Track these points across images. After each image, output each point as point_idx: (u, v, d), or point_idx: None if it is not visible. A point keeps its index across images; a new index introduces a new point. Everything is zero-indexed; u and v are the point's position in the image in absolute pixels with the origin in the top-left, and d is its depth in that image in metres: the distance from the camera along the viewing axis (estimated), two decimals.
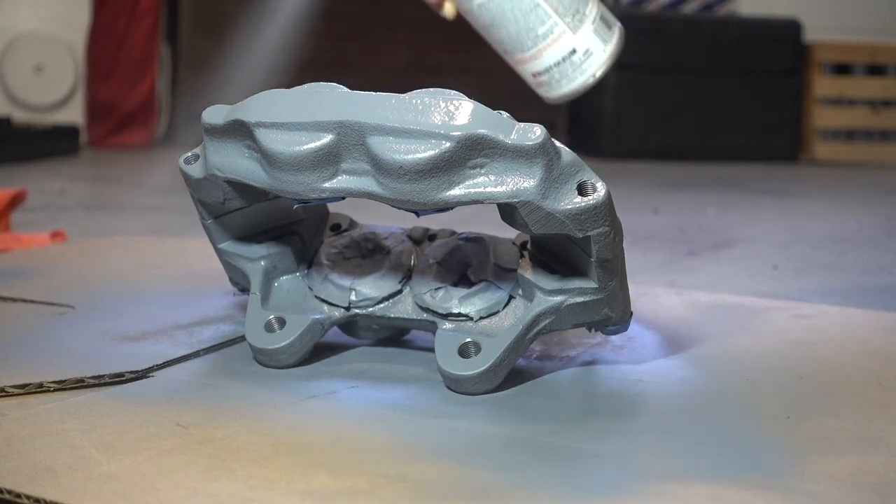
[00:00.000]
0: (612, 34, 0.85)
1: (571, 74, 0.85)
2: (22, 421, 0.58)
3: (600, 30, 0.84)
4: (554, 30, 0.83)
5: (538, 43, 0.84)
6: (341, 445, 0.56)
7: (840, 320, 0.88)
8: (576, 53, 0.84)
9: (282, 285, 0.74)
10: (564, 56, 0.84)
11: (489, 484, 0.52)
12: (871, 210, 2.28)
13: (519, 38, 0.84)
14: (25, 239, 1.21)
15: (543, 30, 0.83)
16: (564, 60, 0.84)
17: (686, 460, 0.56)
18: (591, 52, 0.84)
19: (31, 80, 3.20)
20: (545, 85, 0.86)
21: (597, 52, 0.84)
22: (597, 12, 0.85)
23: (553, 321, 0.67)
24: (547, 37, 0.83)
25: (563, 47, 0.84)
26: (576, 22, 0.83)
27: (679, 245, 1.65)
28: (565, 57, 0.84)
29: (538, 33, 0.83)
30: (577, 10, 0.83)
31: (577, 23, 0.84)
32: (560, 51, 0.84)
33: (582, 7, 0.84)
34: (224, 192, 0.68)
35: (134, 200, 2.08)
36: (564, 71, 0.85)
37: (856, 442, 0.59)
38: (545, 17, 0.83)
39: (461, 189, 0.61)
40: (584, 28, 0.84)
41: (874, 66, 3.63)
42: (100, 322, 0.79)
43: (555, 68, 0.85)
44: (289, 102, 0.63)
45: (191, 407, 0.62)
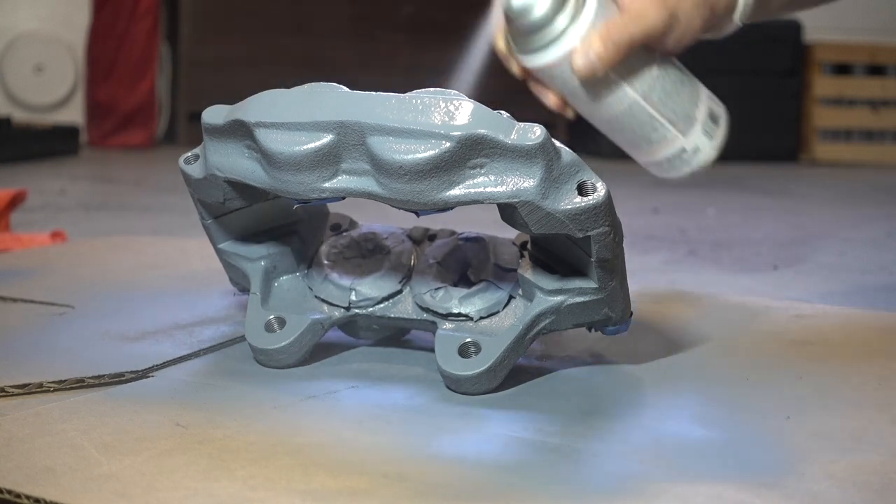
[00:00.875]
0: (719, 127, 0.93)
1: (679, 167, 0.93)
2: (22, 421, 0.58)
3: (708, 128, 0.91)
4: (667, 136, 0.90)
5: (651, 146, 0.91)
6: (341, 445, 0.56)
7: (840, 320, 0.88)
8: (686, 152, 0.91)
9: (282, 285, 0.74)
10: (675, 154, 0.91)
11: (489, 484, 0.52)
12: (871, 210, 2.28)
13: (633, 142, 0.92)
14: (25, 239, 1.21)
15: (657, 136, 0.90)
16: (675, 157, 0.92)
17: (686, 460, 0.56)
18: (698, 149, 0.92)
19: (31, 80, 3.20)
20: (655, 168, 0.94)
21: (704, 149, 0.92)
22: (706, 112, 0.91)
23: (553, 321, 0.67)
24: (660, 141, 0.90)
25: (674, 147, 0.91)
26: (686, 126, 0.90)
27: (679, 245, 1.65)
28: (676, 154, 0.92)
29: (651, 139, 0.90)
30: (688, 116, 0.90)
31: (688, 127, 0.90)
32: (671, 150, 0.91)
33: (692, 111, 0.90)
34: (224, 192, 0.68)
35: (134, 200, 2.08)
36: (673, 164, 0.93)
37: (856, 442, 0.59)
38: (659, 126, 0.89)
39: (461, 189, 0.61)
40: (693, 130, 0.91)
41: (874, 66, 3.63)
42: (100, 322, 0.79)
43: (666, 162, 0.92)
44: (289, 102, 0.63)
45: (191, 407, 0.62)
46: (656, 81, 0.88)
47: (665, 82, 0.89)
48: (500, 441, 0.59)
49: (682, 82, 0.91)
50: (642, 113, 0.88)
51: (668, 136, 0.89)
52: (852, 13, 3.76)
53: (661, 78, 0.89)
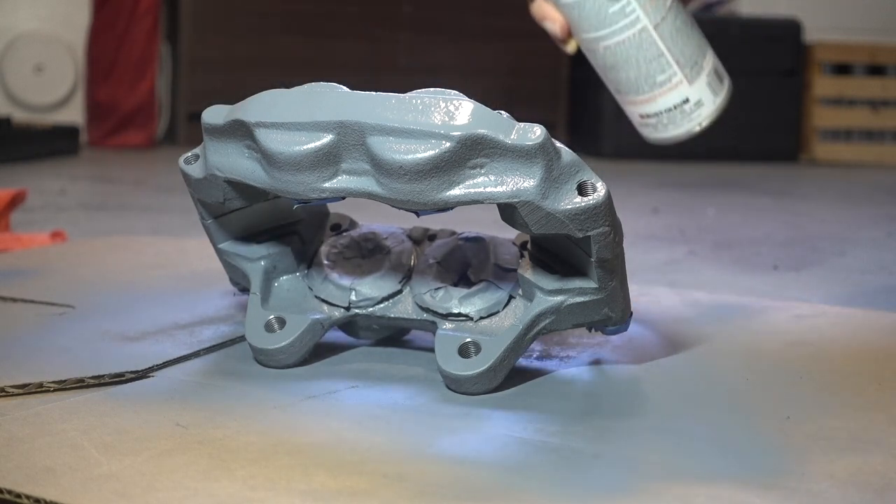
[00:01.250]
0: (723, 87, 0.89)
1: (679, 121, 0.88)
2: (22, 421, 0.58)
3: (713, 82, 0.88)
4: (672, 79, 0.86)
5: (654, 89, 0.87)
6: (341, 445, 0.56)
7: (840, 320, 0.88)
8: (688, 103, 0.87)
9: (282, 285, 0.74)
10: (677, 104, 0.87)
11: (489, 484, 0.52)
12: (871, 210, 2.28)
13: (637, 82, 0.87)
14: (25, 239, 1.21)
15: (662, 77, 0.86)
16: (676, 108, 0.88)
17: (686, 460, 0.56)
18: (702, 102, 0.88)
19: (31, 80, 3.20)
20: (650, 127, 0.90)
21: (707, 104, 0.88)
22: (712, 65, 0.88)
23: (553, 321, 0.67)
24: (664, 84, 0.87)
25: (678, 96, 0.87)
26: (693, 73, 0.87)
27: (679, 245, 1.65)
28: (677, 105, 0.87)
29: (656, 80, 0.87)
30: (695, 62, 0.87)
31: (695, 74, 0.87)
32: (673, 98, 0.87)
33: (700, 59, 0.87)
34: (224, 192, 0.68)
35: (134, 200, 2.08)
36: (673, 117, 0.88)
37: (856, 442, 0.59)
38: (666, 66, 0.86)
39: (461, 189, 0.61)
40: (699, 79, 0.87)
41: (874, 66, 3.63)
42: (100, 322, 0.79)
43: (665, 114, 0.88)
44: (289, 102, 0.63)
45: (191, 407, 0.62)
46: (669, 13, 0.85)
47: (677, 19, 0.86)
48: (500, 441, 0.59)
49: (692, 26, 0.88)
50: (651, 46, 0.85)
51: (673, 78, 0.86)
52: (852, 13, 3.76)
53: (673, 11, 0.86)
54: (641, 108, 0.89)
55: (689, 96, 0.87)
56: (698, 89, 0.87)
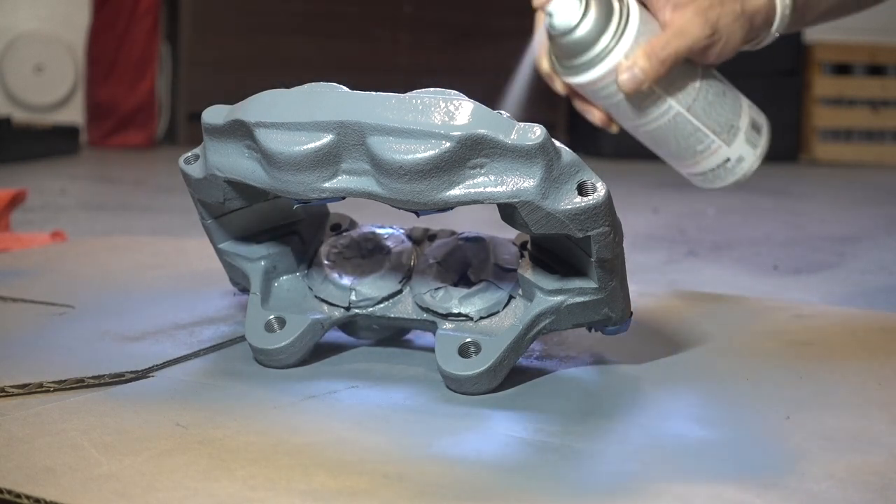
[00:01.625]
0: (761, 136, 0.94)
1: (724, 176, 0.95)
2: (22, 421, 0.58)
3: (751, 137, 0.93)
4: (711, 146, 0.92)
5: (696, 157, 0.93)
6: (341, 445, 0.56)
7: (840, 320, 0.88)
8: (729, 161, 0.93)
9: (282, 285, 0.74)
10: (719, 164, 0.94)
11: (489, 484, 0.52)
12: (871, 210, 2.28)
13: (678, 153, 0.94)
14: (25, 239, 1.21)
15: (701, 147, 0.92)
16: (719, 167, 0.94)
17: (686, 460, 0.56)
18: (742, 158, 0.94)
19: (31, 80, 3.20)
20: (699, 180, 0.97)
21: (748, 158, 0.94)
22: (748, 122, 0.93)
23: (553, 321, 0.67)
24: (704, 152, 0.92)
25: (719, 158, 0.93)
26: (730, 136, 0.92)
27: (679, 245, 1.65)
28: (720, 164, 0.94)
29: (696, 150, 0.92)
30: (731, 126, 0.92)
31: (732, 137, 0.92)
32: (715, 161, 0.93)
33: (735, 121, 0.92)
34: (224, 192, 0.68)
35: (134, 200, 2.08)
36: (718, 174, 0.95)
37: (856, 442, 0.59)
38: (703, 137, 0.91)
39: (461, 189, 0.61)
40: (737, 140, 0.93)
41: (874, 66, 3.63)
42: (100, 322, 0.79)
43: (710, 172, 0.95)
44: (289, 102, 0.63)
45: (191, 407, 0.62)
46: (699, 93, 0.90)
47: (708, 94, 0.91)
48: (500, 441, 0.59)
49: (724, 93, 0.93)
50: (686, 125, 0.90)
51: (712, 146, 0.91)
52: None
53: (703, 90, 0.91)
54: (688, 170, 0.95)
55: (730, 156, 0.93)
56: (737, 148, 0.93)
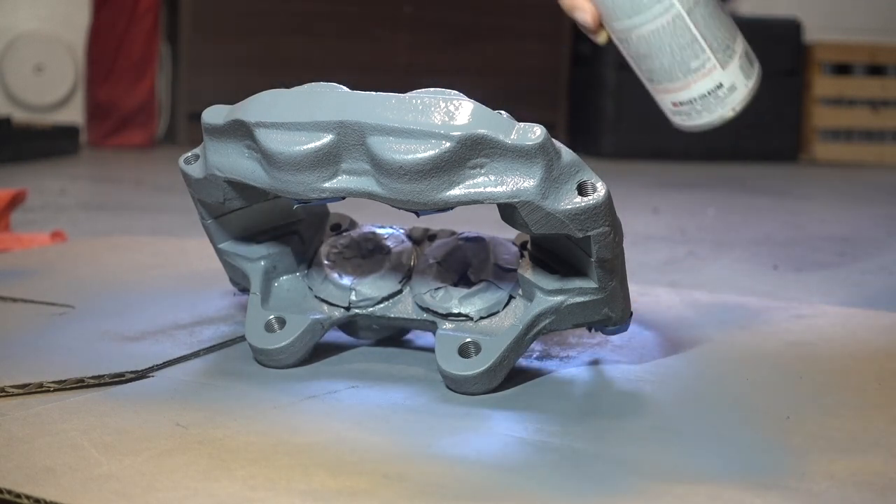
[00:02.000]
0: (754, 70, 0.88)
1: (713, 107, 0.87)
2: (22, 421, 0.58)
3: (745, 66, 0.87)
4: (706, 64, 0.85)
5: (688, 75, 0.86)
6: (341, 445, 0.56)
7: (840, 320, 0.88)
8: (721, 88, 0.86)
9: (282, 285, 0.74)
10: (711, 89, 0.86)
11: (489, 484, 0.52)
12: (871, 210, 2.28)
13: (671, 69, 0.86)
14: (25, 239, 1.21)
15: (696, 63, 0.85)
16: (710, 94, 0.86)
17: (686, 460, 0.56)
18: (735, 86, 0.86)
19: (31, 80, 3.20)
20: (684, 115, 0.88)
21: (739, 88, 0.87)
22: (743, 49, 0.87)
23: (553, 321, 0.67)
24: (698, 70, 0.86)
25: (711, 81, 0.86)
26: (726, 57, 0.86)
27: (679, 245, 1.65)
28: (711, 90, 0.86)
29: (690, 66, 0.85)
30: (727, 46, 0.86)
31: (727, 58, 0.86)
32: (707, 84, 0.86)
33: (731, 43, 0.86)
34: (224, 192, 0.68)
35: (134, 200, 2.08)
36: (707, 104, 0.87)
37: (856, 442, 0.59)
38: (700, 51, 0.85)
39: (461, 189, 0.61)
40: (731, 64, 0.86)
41: (874, 66, 3.63)
42: (100, 322, 0.79)
43: (699, 100, 0.87)
44: (289, 102, 0.63)
45: (191, 407, 0.62)
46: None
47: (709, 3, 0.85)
48: (500, 441, 0.59)
49: (722, 10, 0.87)
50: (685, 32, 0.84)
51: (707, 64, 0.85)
52: (852, 13, 3.76)
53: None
54: (675, 95, 0.88)
55: (723, 81, 0.86)
56: (731, 73, 0.86)
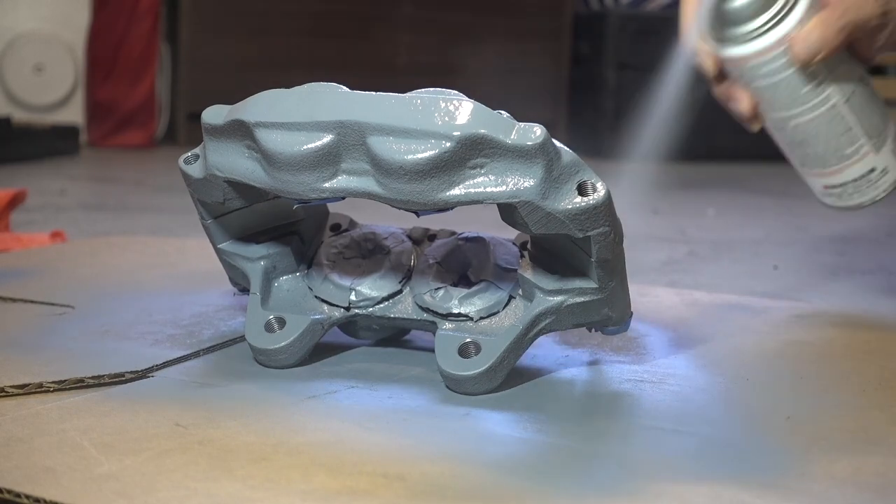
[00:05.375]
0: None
1: (865, 190, 0.88)
2: (22, 421, 0.58)
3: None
4: (860, 150, 0.86)
5: (842, 161, 0.87)
6: (341, 445, 0.56)
7: (840, 320, 0.88)
8: (874, 172, 0.87)
9: (282, 285, 0.74)
10: (863, 174, 0.87)
11: (489, 484, 0.52)
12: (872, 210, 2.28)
13: (825, 156, 0.87)
14: (25, 239, 1.21)
15: (850, 150, 0.86)
16: (862, 178, 0.88)
17: (686, 460, 0.56)
18: (887, 170, 0.88)
19: (31, 80, 3.20)
20: (835, 196, 0.90)
21: (892, 170, 0.88)
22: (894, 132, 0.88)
23: (553, 321, 0.67)
24: (852, 157, 0.87)
25: (864, 166, 0.87)
26: (879, 142, 0.87)
27: (679, 245, 1.65)
28: (864, 175, 0.87)
29: (845, 153, 0.86)
30: (881, 132, 0.87)
31: (881, 143, 0.87)
32: (860, 169, 0.87)
33: (884, 128, 0.87)
34: (224, 192, 0.68)
35: (134, 200, 2.08)
36: (859, 187, 0.88)
37: (856, 442, 0.59)
38: (855, 139, 0.86)
39: (461, 189, 0.61)
40: (885, 148, 0.87)
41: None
42: (100, 322, 0.79)
43: (851, 184, 0.88)
44: (289, 102, 0.63)
45: (191, 407, 0.62)
46: (858, 87, 0.85)
47: (865, 90, 0.86)
48: (500, 441, 0.59)
49: (875, 95, 0.88)
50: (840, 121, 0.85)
51: (861, 150, 0.86)
52: None
53: (862, 84, 0.86)
54: (827, 179, 0.89)
55: (876, 165, 0.87)
56: (884, 157, 0.88)
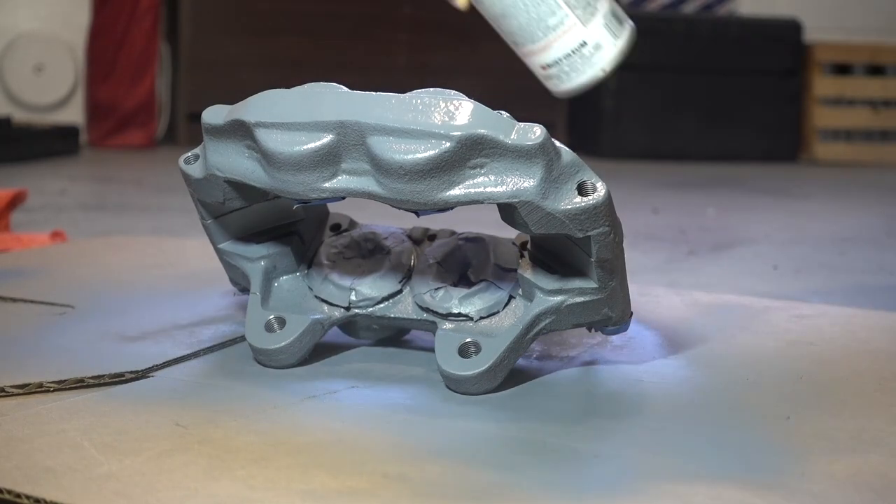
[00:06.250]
0: (623, 30, 0.85)
1: (581, 67, 0.85)
2: (22, 421, 0.58)
3: (611, 24, 0.84)
4: (564, 21, 0.83)
5: (548, 34, 0.84)
6: (341, 445, 0.56)
7: (840, 320, 0.88)
8: (586, 46, 0.84)
9: (282, 285, 0.74)
10: (574, 48, 0.84)
11: (489, 484, 0.52)
12: (871, 210, 2.28)
13: (529, 28, 0.84)
14: (25, 239, 1.21)
15: (554, 21, 0.83)
16: (574, 53, 0.84)
17: (686, 460, 0.56)
18: (601, 45, 0.84)
19: (31, 80, 3.20)
20: (554, 78, 0.86)
21: (607, 47, 0.84)
22: (608, 7, 0.85)
23: (553, 321, 0.67)
24: (557, 28, 0.83)
25: (573, 39, 0.83)
26: (587, 14, 0.83)
27: (679, 245, 1.65)
28: (575, 49, 0.84)
29: (548, 24, 0.83)
30: (587, 3, 0.83)
31: (588, 15, 0.83)
32: (570, 43, 0.84)
33: (593, 1, 0.84)
34: (224, 192, 0.68)
35: (134, 200, 2.08)
36: (574, 64, 0.85)
37: (856, 442, 0.59)
38: (556, 7, 0.83)
39: (461, 189, 0.61)
40: (594, 21, 0.84)
41: (874, 66, 3.63)
42: (100, 322, 0.79)
43: (564, 60, 0.85)
44: (289, 102, 0.63)
45: (191, 407, 0.62)
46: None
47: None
48: (500, 441, 0.59)
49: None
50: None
51: (565, 21, 0.83)
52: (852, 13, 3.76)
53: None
54: (540, 57, 0.86)
55: (586, 39, 0.84)
56: (595, 31, 0.84)
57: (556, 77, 0.86)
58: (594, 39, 0.84)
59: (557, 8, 0.83)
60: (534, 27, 0.84)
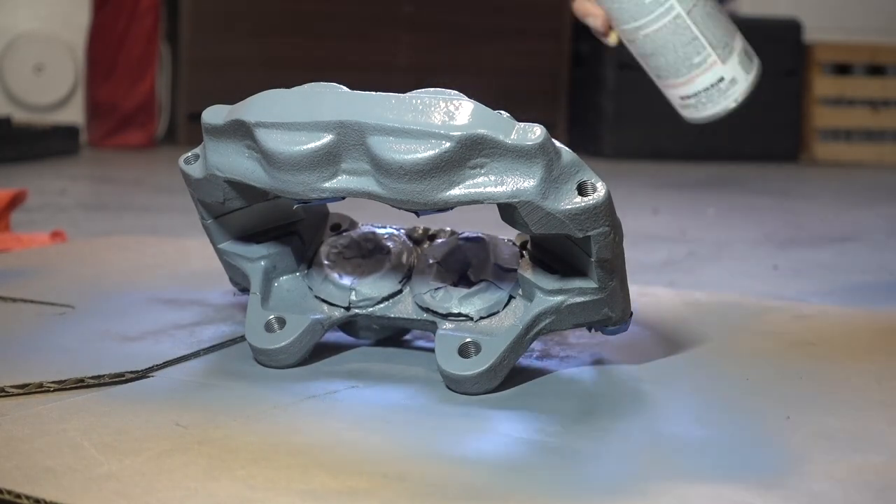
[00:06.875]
0: (753, 66, 0.95)
1: (717, 99, 0.95)
2: (22, 421, 0.58)
3: (744, 61, 0.94)
4: (707, 60, 0.93)
5: (692, 70, 0.93)
6: (341, 445, 0.56)
7: (840, 320, 0.88)
8: (723, 81, 0.94)
9: (282, 285, 0.74)
10: (713, 83, 0.94)
11: (489, 484, 0.52)
12: (871, 210, 2.28)
13: (675, 65, 0.94)
14: (25, 239, 1.21)
15: (698, 59, 0.93)
16: (713, 87, 0.94)
17: (686, 460, 0.56)
18: (736, 80, 0.94)
19: (31, 80, 3.20)
20: (691, 107, 0.96)
21: (740, 81, 0.94)
22: (742, 46, 0.95)
23: (553, 321, 0.67)
24: (700, 66, 0.93)
25: (713, 75, 0.94)
26: (725, 53, 0.93)
27: (679, 245, 1.65)
28: (714, 84, 0.94)
29: (693, 62, 0.93)
30: (726, 44, 0.93)
31: (727, 54, 0.93)
32: (710, 78, 0.94)
33: (730, 41, 0.94)
34: (224, 192, 0.68)
35: (134, 200, 2.08)
36: (711, 96, 0.95)
37: (856, 442, 0.59)
38: (700, 48, 0.92)
39: (461, 189, 0.61)
40: (731, 59, 0.94)
41: (874, 66, 3.63)
42: (100, 322, 0.79)
43: (703, 93, 0.95)
44: (289, 102, 0.63)
45: (191, 407, 0.62)
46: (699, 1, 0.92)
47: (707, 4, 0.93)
48: (500, 441, 0.59)
49: (720, 11, 0.94)
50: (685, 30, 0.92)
51: (708, 59, 0.92)
52: (852, 13, 3.76)
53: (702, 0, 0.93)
54: (681, 90, 0.95)
55: (724, 75, 0.93)
56: (731, 68, 0.93)
57: (692, 107, 0.96)
58: (731, 75, 0.94)
59: (702, 48, 0.93)
60: (679, 64, 0.94)
